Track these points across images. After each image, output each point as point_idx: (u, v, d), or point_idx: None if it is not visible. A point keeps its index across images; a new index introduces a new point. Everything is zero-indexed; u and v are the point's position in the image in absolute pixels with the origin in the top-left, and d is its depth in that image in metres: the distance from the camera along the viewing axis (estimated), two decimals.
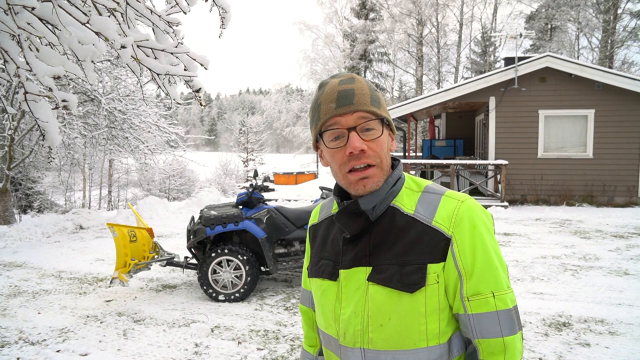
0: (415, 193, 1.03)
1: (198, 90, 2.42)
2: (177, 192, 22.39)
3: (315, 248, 1.15)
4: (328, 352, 1.11)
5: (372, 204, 1.00)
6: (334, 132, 0.99)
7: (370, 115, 0.98)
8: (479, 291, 0.94)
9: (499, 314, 0.94)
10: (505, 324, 0.94)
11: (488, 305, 0.93)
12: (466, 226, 0.95)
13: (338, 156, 0.99)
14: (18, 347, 3.81)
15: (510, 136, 11.84)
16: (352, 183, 0.99)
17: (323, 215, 1.18)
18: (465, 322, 0.95)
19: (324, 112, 1.00)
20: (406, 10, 27.01)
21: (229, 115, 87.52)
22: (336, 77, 1.04)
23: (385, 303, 0.96)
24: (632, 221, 9.13)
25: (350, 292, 1.01)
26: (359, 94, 0.99)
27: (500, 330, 0.93)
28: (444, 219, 0.96)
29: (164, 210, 11.56)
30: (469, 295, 0.94)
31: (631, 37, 23.85)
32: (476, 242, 0.95)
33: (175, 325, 4.25)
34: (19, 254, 7.41)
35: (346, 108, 0.97)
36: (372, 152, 0.98)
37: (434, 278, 0.94)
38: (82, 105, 10.49)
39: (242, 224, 4.92)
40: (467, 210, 0.97)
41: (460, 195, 1.01)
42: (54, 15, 1.86)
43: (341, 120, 0.98)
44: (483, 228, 0.97)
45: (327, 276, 1.06)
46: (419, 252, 0.95)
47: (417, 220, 0.98)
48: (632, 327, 3.98)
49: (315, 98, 1.05)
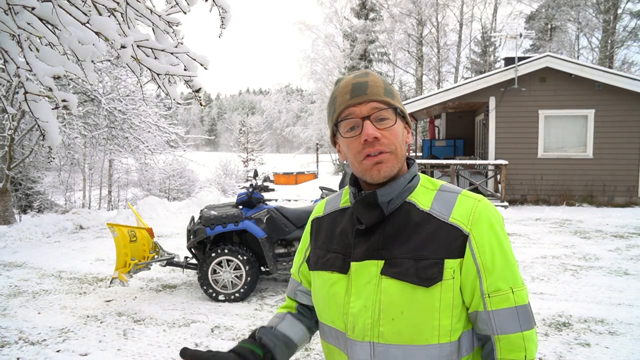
0: (431, 191, 1.05)
1: (198, 90, 2.42)
2: (177, 192, 22.37)
3: (321, 240, 1.14)
4: (329, 347, 1.11)
5: (389, 196, 1.02)
6: (349, 122, 1.02)
7: (384, 105, 1.01)
8: (499, 287, 0.96)
9: (518, 309, 0.96)
10: (523, 319, 0.96)
11: (508, 301, 0.96)
12: (484, 224, 0.98)
13: (353, 145, 1.02)
14: (18, 347, 3.81)
15: (510, 136, 11.84)
16: (367, 169, 1.01)
17: (329, 209, 1.19)
18: (485, 319, 0.97)
19: (339, 104, 1.04)
20: (406, 10, 27.01)
21: (229, 115, 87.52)
22: (351, 74, 1.09)
23: (398, 297, 0.96)
24: (632, 221, 9.13)
25: (360, 286, 1.01)
26: (373, 85, 1.03)
27: (519, 325, 0.95)
28: (462, 216, 0.98)
29: (164, 210, 11.56)
30: (490, 291, 0.96)
31: (631, 37, 23.86)
32: (494, 239, 0.97)
33: (175, 325, 4.25)
34: (19, 254, 7.40)
35: (360, 98, 1.01)
36: (386, 140, 1.00)
37: (450, 274, 0.95)
38: (82, 105, 10.49)
39: (242, 224, 4.92)
40: (485, 209, 1.00)
41: (476, 195, 1.04)
42: (54, 15, 1.86)
43: (355, 111, 1.01)
44: (499, 227, 1.00)
45: (336, 269, 1.06)
46: (435, 247, 0.97)
47: (433, 217, 1.00)
48: (632, 327, 3.98)
49: (331, 94, 1.09)
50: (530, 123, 11.74)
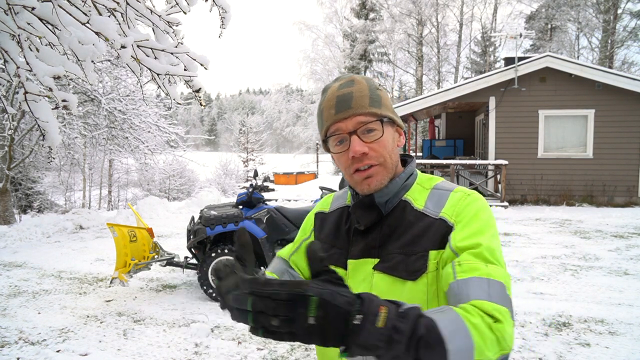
0: (426, 190, 1.05)
1: (198, 90, 2.42)
2: (177, 192, 22.36)
3: (325, 234, 1.15)
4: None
5: (386, 197, 1.03)
6: (337, 137, 1.02)
7: (370, 117, 1.00)
8: (470, 244, 0.88)
9: (490, 281, 0.83)
10: (495, 291, 0.81)
11: (479, 270, 0.84)
12: (469, 212, 0.96)
13: (342, 160, 1.03)
14: (18, 347, 3.81)
15: (510, 136, 11.84)
16: (357, 183, 1.03)
17: (336, 205, 1.19)
18: (455, 290, 0.85)
19: (326, 119, 1.04)
20: (406, 10, 27.01)
21: (229, 115, 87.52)
22: (337, 81, 1.06)
23: (388, 291, 0.97)
24: (632, 221, 9.13)
25: (356, 283, 1.02)
26: (357, 96, 1.01)
27: (488, 295, 0.80)
28: (450, 208, 0.98)
29: (164, 210, 11.56)
30: (459, 245, 0.89)
31: (631, 37, 23.86)
32: (474, 219, 0.93)
33: (175, 325, 4.25)
34: (19, 254, 7.40)
35: (345, 113, 1.00)
36: (375, 153, 1.00)
37: (434, 265, 0.95)
38: (82, 105, 10.49)
39: (242, 224, 4.92)
40: (473, 201, 0.99)
41: (469, 190, 1.03)
42: (54, 15, 1.86)
43: (342, 126, 1.01)
44: (485, 214, 0.95)
45: (340, 265, 1.07)
46: (424, 242, 0.97)
47: (426, 215, 1.00)
48: (632, 327, 3.98)
49: (319, 104, 1.09)
50: (530, 123, 11.74)
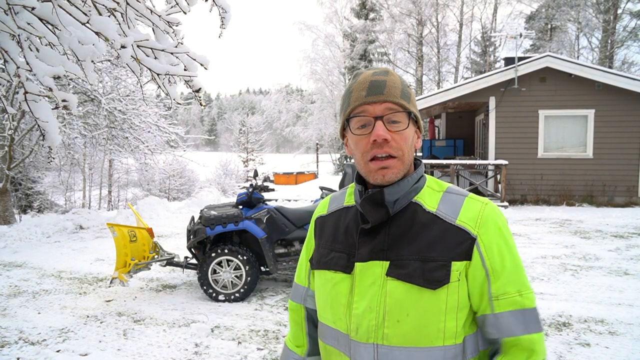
0: (437, 192, 1.04)
1: (198, 90, 2.42)
2: (177, 192, 22.35)
3: (324, 239, 1.13)
4: (327, 348, 1.09)
5: (396, 196, 1.01)
6: (361, 120, 1.01)
7: (399, 107, 1.00)
8: (507, 291, 0.96)
9: (525, 312, 0.95)
10: (530, 321, 0.95)
11: (515, 304, 0.95)
12: (492, 227, 0.97)
13: (362, 144, 1.01)
14: (18, 347, 3.81)
15: (510, 136, 11.84)
16: (371, 172, 1.01)
17: (334, 207, 1.17)
18: (493, 322, 0.96)
19: (354, 99, 1.02)
20: (406, 10, 27.01)
21: (229, 115, 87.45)
22: (371, 69, 1.06)
23: (404, 299, 0.96)
24: (632, 221, 9.13)
25: (364, 287, 1.00)
26: (391, 85, 1.01)
27: (526, 328, 0.95)
28: (470, 219, 0.98)
29: (164, 210, 11.56)
30: (498, 294, 0.95)
31: (631, 37, 23.86)
32: (502, 243, 0.97)
33: (175, 325, 4.25)
34: (19, 254, 7.41)
35: (376, 97, 0.99)
36: (395, 144, 0.99)
37: (456, 276, 0.95)
38: (82, 105, 10.49)
39: (242, 224, 4.92)
40: (492, 212, 1.00)
41: (483, 198, 1.04)
42: (54, 15, 1.86)
43: (369, 109, 1.00)
44: (506, 230, 1.00)
45: (340, 269, 1.05)
46: (442, 249, 0.96)
47: (440, 218, 0.99)
48: (632, 327, 3.98)
49: (347, 86, 1.07)
50: (530, 123, 11.74)
